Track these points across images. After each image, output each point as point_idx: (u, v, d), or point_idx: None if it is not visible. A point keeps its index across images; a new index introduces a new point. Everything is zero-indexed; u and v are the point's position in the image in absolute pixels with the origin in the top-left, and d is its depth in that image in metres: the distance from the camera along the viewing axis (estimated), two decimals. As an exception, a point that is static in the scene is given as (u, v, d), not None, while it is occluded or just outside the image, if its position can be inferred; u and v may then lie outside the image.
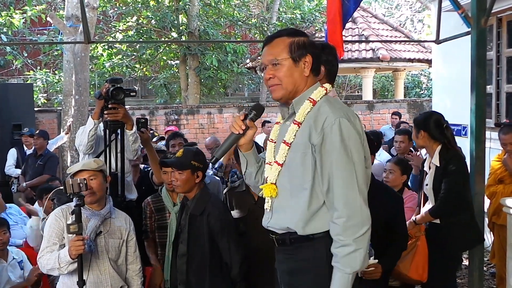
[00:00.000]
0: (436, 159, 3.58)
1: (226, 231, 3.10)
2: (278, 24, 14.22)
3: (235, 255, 3.10)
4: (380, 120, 12.17)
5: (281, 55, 2.12)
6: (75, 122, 8.88)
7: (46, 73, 14.27)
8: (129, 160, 3.99)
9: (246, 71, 15.45)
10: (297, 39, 2.14)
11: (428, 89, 19.55)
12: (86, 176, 3.03)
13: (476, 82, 4.00)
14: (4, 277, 4.03)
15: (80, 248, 2.78)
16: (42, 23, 13.06)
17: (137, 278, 3.31)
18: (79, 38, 8.67)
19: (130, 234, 3.27)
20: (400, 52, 14.29)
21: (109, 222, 3.18)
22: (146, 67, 15.63)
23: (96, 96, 3.71)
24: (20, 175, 7.38)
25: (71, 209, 3.05)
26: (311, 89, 2.15)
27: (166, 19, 13.30)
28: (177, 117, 11.85)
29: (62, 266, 2.87)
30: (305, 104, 2.12)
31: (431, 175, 3.61)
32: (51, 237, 3.03)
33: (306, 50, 2.14)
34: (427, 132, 3.65)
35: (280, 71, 2.13)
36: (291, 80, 2.13)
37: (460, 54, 5.26)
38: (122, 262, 3.24)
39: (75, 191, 2.81)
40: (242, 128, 2.19)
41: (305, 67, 2.13)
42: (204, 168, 3.26)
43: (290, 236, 2.15)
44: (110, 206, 3.21)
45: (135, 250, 3.30)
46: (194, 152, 3.28)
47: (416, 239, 3.53)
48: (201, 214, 3.11)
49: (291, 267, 2.20)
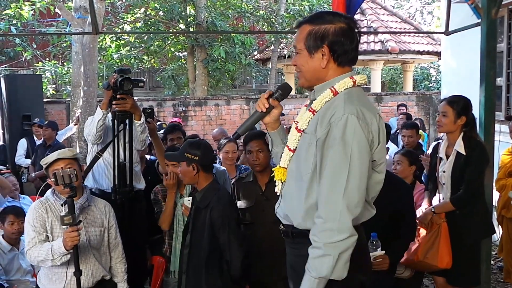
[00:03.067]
0: (461, 147, 3.48)
1: (228, 226, 3.00)
2: (286, 15, 14.14)
3: (235, 251, 2.99)
4: (389, 112, 12.12)
5: (299, 44, 2.07)
6: (84, 113, 8.92)
7: (55, 64, 14.33)
8: (137, 150, 4.01)
9: (254, 63, 15.41)
10: (317, 28, 2.02)
11: (437, 81, 19.45)
12: (63, 165, 3.00)
13: (486, 74, 3.97)
14: (15, 264, 4.12)
15: (76, 239, 2.78)
16: (50, 15, 13.08)
17: (121, 265, 3.30)
18: (87, 30, 8.69)
19: (110, 220, 3.26)
20: (409, 44, 14.21)
21: (87, 210, 3.16)
22: (154, 58, 15.61)
23: (105, 87, 3.72)
24: (29, 165, 7.44)
25: (48, 201, 3.08)
26: (337, 79, 2.04)
27: (174, 11, 13.27)
28: (185, 109, 11.86)
29: (55, 257, 2.86)
30: (325, 93, 2.03)
31: (451, 162, 3.52)
32: (37, 229, 2.99)
33: (323, 41, 2.01)
34: (466, 117, 3.51)
35: (299, 59, 2.09)
36: (307, 69, 2.08)
37: (470, 46, 5.23)
38: (106, 250, 3.23)
39: (66, 182, 2.79)
40: (265, 107, 2.14)
41: (323, 58, 2.03)
42: (201, 160, 3.09)
43: (292, 230, 2.13)
44: (87, 194, 3.18)
45: (116, 237, 3.29)
46: (189, 144, 3.17)
47: (438, 227, 3.49)
48: (205, 207, 3.08)
49: (293, 261, 2.19)
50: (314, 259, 1.91)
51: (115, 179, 3.77)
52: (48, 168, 3.04)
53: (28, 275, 4.21)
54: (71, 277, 2.95)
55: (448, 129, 3.54)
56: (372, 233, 2.99)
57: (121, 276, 3.30)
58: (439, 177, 3.66)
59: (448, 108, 3.52)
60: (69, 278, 2.99)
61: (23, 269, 4.16)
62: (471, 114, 3.56)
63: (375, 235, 3.01)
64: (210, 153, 3.26)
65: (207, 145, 3.26)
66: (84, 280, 2.99)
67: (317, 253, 1.90)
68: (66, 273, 3.00)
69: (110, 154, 3.84)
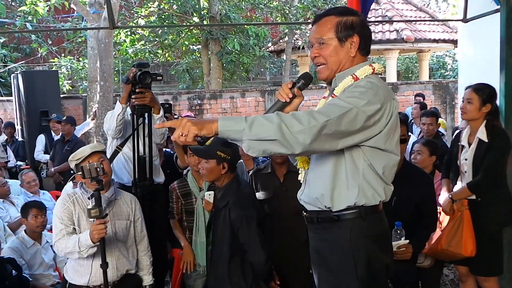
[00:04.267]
0: (483, 134, 3.46)
1: (247, 227, 2.94)
2: (300, 6, 14.07)
3: (258, 252, 2.94)
4: (405, 102, 12.03)
5: (327, 35, 2.11)
6: (101, 108, 8.99)
7: (71, 60, 14.43)
8: (156, 144, 4.03)
9: (268, 55, 15.37)
10: (346, 19, 2.11)
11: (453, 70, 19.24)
12: (96, 159, 3.05)
13: (506, 61, 3.93)
14: (38, 258, 4.17)
15: (102, 232, 2.82)
16: (65, 11, 13.17)
17: (146, 258, 3.34)
18: (103, 24, 8.74)
19: (136, 214, 3.29)
20: (425, 32, 14.07)
21: (114, 204, 3.20)
22: (168, 52, 15.64)
23: (124, 81, 3.75)
24: (48, 161, 7.52)
25: (76, 194, 3.12)
26: (357, 66, 2.13)
27: (188, 4, 13.27)
28: (200, 102, 11.89)
29: (82, 250, 2.91)
30: (346, 79, 2.10)
31: (473, 150, 3.51)
32: (64, 221, 3.04)
33: (354, 30, 2.10)
34: (491, 105, 3.50)
35: (325, 50, 2.12)
36: (336, 60, 2.12)
37: (488, 33, 5.14)
38: (132, 243, 3.27)
39: (93, 175, 2.83)
40: (289, 96, 2.15)
41: (351, 47, 2.11)
42: (232, 160, 3.10)
43: (317, 215, 2.16)
44: (114, 188, 3.22)
45: (142, 230, 3.33)
46: (222, 142, 3.04)
47: (460, 215, 3.47)
48: (224, 206, 3.04)
49: (318, 245, 2.21)
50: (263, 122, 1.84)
51: (135, 173, 3.80)
52: (80, 164, 3.05)
53: (51, 269, 4.27)
54: (96, 269, 3.00)
55: (472, 116, 3.53)
56: (397, 222, 3.00)
57: (146, 269, 3.34)
58: (461, 165, 3.64)
59: (473, 95, 3.50)
60: (94, 271, 3.04)
61: (46, 263, 4.22)
62: (495, 103, 3.53)
63: (399, 224, 3.01)
64: (239, 153, 3.26)
65: (236, 145, 3.25)
66: (109, 273, 3.02)
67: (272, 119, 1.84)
68: (91, 266, 3.05)
69: (129, 148, 3.88)
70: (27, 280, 3.94)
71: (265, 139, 1.82)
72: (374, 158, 2.05)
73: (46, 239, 4.30)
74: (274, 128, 1.81)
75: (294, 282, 3.45)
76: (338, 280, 2.12)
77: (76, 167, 3.11)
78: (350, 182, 2.06)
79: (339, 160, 2.06)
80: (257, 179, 3.63)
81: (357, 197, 2.06)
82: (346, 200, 2.07)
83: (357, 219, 2.08)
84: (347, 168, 2.06)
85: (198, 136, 1.86)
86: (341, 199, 2.08)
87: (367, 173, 2.06)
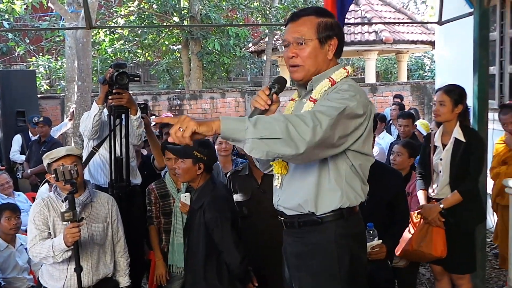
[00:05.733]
0: (460, 134, 3.50)
1: (221, 228, 2.93)
2: (281, 7, 14.12)
3: (232, 253, 2.94)
4: (383, 103, 12.16)
5: (308, 35, 2.07)
6: (78, 108, 8.90)
7: (49, 59, 14.25)
8: (133, 145, 4.01)
9: (248, 55, 15.39)
10: (325, 20, 2.09)
11: (432, 71, 19.47)
12: (69, 162, 2.97)
13: (479, 63, 4.00)
14: (12, 262, 4.11)
15: (76, 235, 2.77)
16: (43, 9, 13.01)
17: (123, 260, 3.30)
18: (80, 24, 8.64)
19: (113, 215, 3.24)
20: (403, 34, 14.23)
21: (90, 207, 3.14)
22: (148, 52, 15.57)
23: (100, 81, 3.71)
24: (24, 162, 7.42)
25: (50, 197, 3.07)
26: (333, 69, 2.12)
27: (168, 4, 13.23)
28: (180, 102, 11.85)
29: (56, 254, 2.86)
30: (324, 82, 2.08)
31: (449, 150, 3.54)
32: (39, 226, 2.99)
33: (333, 32, 2.09)
34: (463, 106, 3.54)
35: (304, 51, 2.08)
36: (313, 62, 2.09)
37: (463, 35, 5.24)
38: (110, 246, 3.22)
39: (67, 178, 2.79)
40: (268, 103, 2.07)
41: (329, 50, 2.10)
42: (208, 161, 3.10)
43: (298, 219, 2.14)
44: (90, 190, 3.15)
45: (118, 231, 3.28)
46: (200, 143, 3.07)
47: None
48: (199, 208, 3.03)
49: (299, 250, 2.19)
50: (270, 121, 1.79)
51: (112, 174, 3.77)
52: (53, 163, 3.00)
53: (25, 272, 4.20)
54: (71, 274, 2.94)
55: (446, 117, 3.57)
56: (369, 224, 3.01)
57: (123, 270, 3.30)
58: (434, 165, 3.68)
59: (445, 97, 3.54)
60: (69, 275, 2.99)
61: (20, 266, 4.15)
62: (465, 103, 3.59)
63: (371, 225, 3.04)
64: (215, 154, 3.26)
65: (213, 145, 3.27)
66: (85, 278, 2.99)
67: (279, 119, 1.78)
68: (67, 270, 3.00)
69: (106, 150, 3.85)
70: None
71: (269, 137, 1.74)
72: (355, 161, 2.06)
73: (20, 241, 4.24)
74: (280, 126, 1.75)
75: (273, 283, 3.46)
76: (321, 283, 2.11)
77: (48, 167, 3.05)
78: (334, 187, 2.06)
79: (323, 167, 2.05)
80: (235, 181, 3.62)
81: (341, 200, 2.06)
82: (330, 204, 2.07)
83: (340, 220, 2.09)
84: (331, 175, 2.06)
85: (196, 132, 1.75)
86: (325, 204, 2.08)
87: (349, 176, 2.07)
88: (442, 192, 3.62)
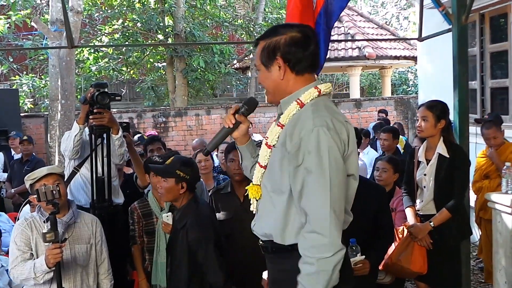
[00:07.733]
0: (444, 150, 3.53)
1: (204, 249, 2.91)
2: (264, 24, 14.25)
3: (216, 273, 2.92)
4: (368, 118, 12.23)
5: (258, 61, 2.08)
6: (62, 127, 8.81)
7: (32, 78, 14.16)
8: (115, 164, 3.98)
9: (233, 72, 15.43)
10: (269, 42, 2.02)
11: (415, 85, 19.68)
12: (51, 181, 2.95)
13: (459, 79, 4.04)
14: (-8, 284, 4.03)
15: (58, 256, 2.73)
16: (27, 28, 12.96)
17: (107, 281, 3.25)
18: (64, 43, 8.61)
19: (97, 236, 3.20)
20: (386, 49, 14.39)
21: (73, 227, 3.09)
22: (133, 70, 15.55)
23: (81, 101, 3.69)
24: (6, 182, 7.32)
25: (33, 218, 3.03)
26: (303, 90, 2.01)
27: (152, 22, 13.25)
28: (165, 120, 11.82)
29: (38, 275, 2.81)
30: (291, 106, 2.00)
31: (433, 165, 3.57)
32: (20, 247, 2.94)
33: (276, 53, 2.00)
34: (446, 121, 3.58)
35: (260, 76, 2.10)
36: (270, 85, 2.07)
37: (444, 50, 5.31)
38: (93, 268, 3.16)
39: (49, 198, 2.75)
40: (232, 122, 2.14)
41: (280, 70, 2.01)
42: (191, 179, 3.07)
43: (271, 245, 2.09)
44: (74, 211, 3.10)
45: (102, 252, 3.24)
46: (182, 161, 3.09)
47: None
48: (182, 227, 3.00)
49: (274, 276, 2.16)
50: (309, 276, 1.86)
51: (94, 194, 3.73)
52: (35, 184, 2.96)
53: (6, 293, 4.14)
54: None
55: (429, 133, 3.60)
56: (351, 239, 3.01)
57: None
58: (418, 181, 3.70)
59: (428, 112, 3.57)
60: None
61: (0, 287, 4.09)
62: (448, 118, 3.63)
63: (353, 241, 3.03)
64: (198, 173, 3.24)
65: (196, 164, 3.26)
66: None
67: (310, 269, 1.85)
68: None
69: (87, 169, 3.82)
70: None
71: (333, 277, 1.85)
72: None
73: (1, 263, 4.17)
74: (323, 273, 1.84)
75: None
76: None
77: (31, 188, 3.01)
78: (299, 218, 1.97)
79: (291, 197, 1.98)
80: (217, 200, 3.60)
81: None
82: (296, 235, 1.98)
83: None
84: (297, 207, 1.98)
85: None
86: (292, 234, 2.00)
87: None
88: (427, 208, 3.64)
